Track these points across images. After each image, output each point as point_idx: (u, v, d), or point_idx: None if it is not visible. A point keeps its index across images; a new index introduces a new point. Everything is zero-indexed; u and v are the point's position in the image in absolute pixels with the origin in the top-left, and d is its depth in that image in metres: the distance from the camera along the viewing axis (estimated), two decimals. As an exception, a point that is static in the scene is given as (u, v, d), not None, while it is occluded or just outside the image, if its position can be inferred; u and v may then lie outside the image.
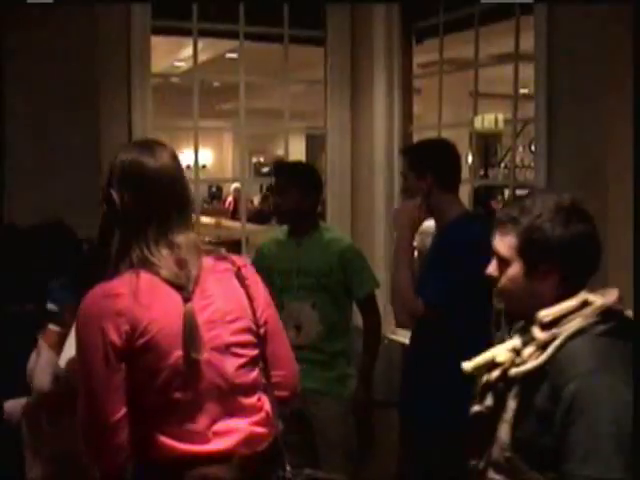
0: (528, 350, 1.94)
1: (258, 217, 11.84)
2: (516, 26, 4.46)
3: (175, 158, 2.19)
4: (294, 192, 3.79)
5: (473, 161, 5.91)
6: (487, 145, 8.72)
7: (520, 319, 2.10)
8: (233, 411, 2.13)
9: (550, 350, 1.89)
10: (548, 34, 4.00)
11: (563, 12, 3.94)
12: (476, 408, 2.10)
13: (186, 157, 18.95)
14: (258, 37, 5.68)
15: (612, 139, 3.70)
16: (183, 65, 10.88)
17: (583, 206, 2.08)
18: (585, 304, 1.95)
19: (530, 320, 2.00)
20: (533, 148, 4.46)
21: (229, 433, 2.11)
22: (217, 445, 2.07)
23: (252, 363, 2.20)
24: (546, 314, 1.95)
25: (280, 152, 5.75)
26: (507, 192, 6.66)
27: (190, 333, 2.03)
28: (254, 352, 2.21)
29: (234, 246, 6.56)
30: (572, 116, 3.92)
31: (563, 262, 2.00)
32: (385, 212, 5.37)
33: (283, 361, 2.37)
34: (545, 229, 1.98)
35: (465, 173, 5.45)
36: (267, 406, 2.24)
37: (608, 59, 3.71)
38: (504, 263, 2.05)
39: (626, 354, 1.87)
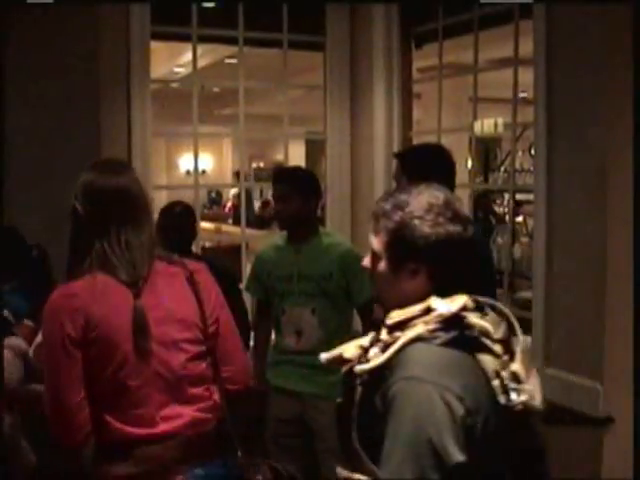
0: (374, 350, 1.95)
1: (258, 222, 11.84)
2: (515, 30, 4.47)
3: (133, 177, 2.50)
4: (295, 198, 3.78)
5: (473, 165, 5.91)
6: (487, 149, 8.71)
7: None
8: (180, 399, 2.40)
9: (388, 353, 1.90)
10: (547, 38, 4.00)
11: (562, 16, 3.94)
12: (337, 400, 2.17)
13: (186, 162, 18.97)
14: (257, 42, 5.68)
15: (612, 143, 3.70)
16: (182, 71, 10.88)
17: (459, 207, 2.01)
18: (429, 310, 1.91)
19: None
20: (533, 152, 4.46)
21: (175, 418, 2.38)
22: (163, 428, 2.35)
23: (198, 358, 2.46)
24: (391, 317, 1.96)
25: (280, 157, 5.76)
26: (507, 196, 6.65)
27: (139, 326, 2.32)
28: (201, 348, 2.46)
29: (234, 251, 6.56)
30: (571, 120, 3.92)
31: (430, 262, 1.96)
32: (385, 217, 5.37)
33: (233, 357, 2.59)
34: (413, 227, 1.95)
35: (465, 177, 5.47)
36: (216, 396, 2.50)
37: (607, 63, 3.71)
38: (376, 257, 2.04)
39: (459, 364, 1.86)
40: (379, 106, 5.38)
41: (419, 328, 1.89)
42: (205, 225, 10.82)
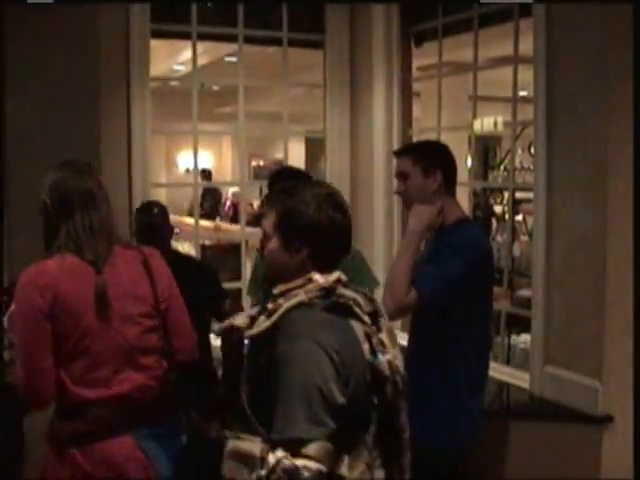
0: (262, 317, 2.21)
1: (257, 220, 11.82)
2: (515, 29, 4.47)
3: (95, 177, 2.84)
4: None
5: (472, 164, 5.91)
6: (487, 148, 8.72)
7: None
8: (133, 366, 2.71)
9: (273, 318, 2.16)
10: (547, 36, 4.01)
11: (562, 14, 3.94)
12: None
13: (185, 161, 18.95)
14: (257, 40, 5.68)
15: (611, 141, 3.70)
16: (182, 69, 10.86)
17: (341, 199, 2.35)
18: (309, 281, 2.21)
19: None
20: (532, 150, 4.45)
21: (126, 382, 2.69)
22: (114, 391, 2.66)
23: (151, 331, 2.79)
24: (277, 288, 2.25)
25: (279, 156, 5.75)
26: (506, 194, 6.65)
27: (100, 299, 2.64)
28: (153, 322, 2.79)
29: (233, 249, 6.56)
30: (571, 118, 3.92)
31: (312, 241, 2.25)
32: (384, 215, 5.37)
33: (182, 331, 2.93)
34: (299, 211, 2.25)
35: (465, 176, 5.47)
36: (164, 365, 2.83)
37: (607, 61, 3.71)
38: (267, 237, 2.31)
39: (336, 325, 2.16)
40: (379, 104, 5.38)
41: (301, 296, 2.18)
42: (204, 223, 10.81)
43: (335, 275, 2.25)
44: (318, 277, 2.22)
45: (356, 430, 2.18)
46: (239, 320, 2.29)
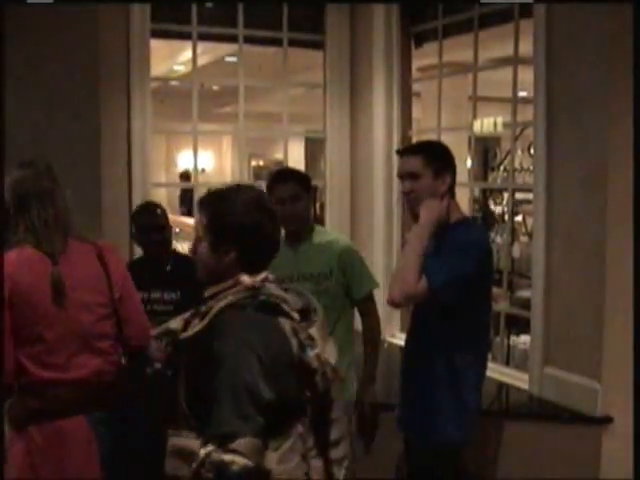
0: (195, 320, 2.29)
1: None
2: (515, 30, 4.47)
3: (52, 177, 3.05)
4: (304, 198, 3.76)
5: (472, 164, 5.90)
6: (486, 148, 8.71)
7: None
8: (88, 351, 2.92)
9: (205, 320, 2.23)
10: (547, 38, 4.01)
11: (562, 15, 3.94)
12: (157, 366, 2.62)
13: (186, 161, 18.95)
14: (257, 41, 5.68)
15: (611, 142, 3.70)
16: (182, 69, 10.86)
17: (268, 203, 2.46)
18: (237, 283, 2.29)
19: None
20: (532, 151, 4.45)
21: (83, 366, 2.89)
22: (72, 374, 2.86)
23: (105, 318, 3.00)
24: (208, 291, 2.34)
25: (279, 156, 5.75)
26: (506, 195, 6.66)
27: (56, 289, 2.84)
28: (107, 310, 3.01)
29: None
30: (571, 119, 3.93)
31: (239, 244, 2.32)
32: (384, 215, 5.38)
33: (134, 320, 3.12)
34: (227, 214, 2.33)
35: (465, 176, 5.47)
36: (119, 351, 3.04)
37: (607, 62, 3.71)
38: (199, 240, 2.39)
39: (263, 324, 2.24)
40: (379, 105, 5.39)
41: (229, 297, 2.26)
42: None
43: (262, 275, 2.33)
44: (245, 278, 2.30)
45: (289, 423, 2.27)
46: (174, 324, 2.37)
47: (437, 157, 3.24)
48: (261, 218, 2.35)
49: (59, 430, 2.87)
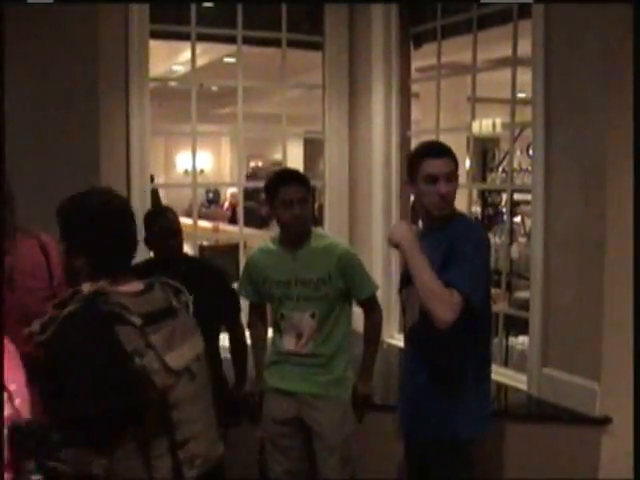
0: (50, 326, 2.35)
1: (260, 221, 11.83)
2: (514, 30, 4.47)
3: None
4: (309, 200, 3.75)
5: (471, 165, 5.91)
6: (485, 149, 8.71)
7: None
8: None
9: (51, 328, 2.29)
10: (546, 39, 4.01)
11: (561, 16, 3.95)
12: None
13: (184, 161, 18.95)
14: (256, 41, 5.67)
15: (610, 142, 3.71)
16: (181, 69, 10.88)
17: (123, 206, 2.51)
18: (77, 292, 2.36)
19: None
20: (531, 152, 4.46)
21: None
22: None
23: (45, 300, 3.10)
24: (55, 300, 2.41)
25: (278, 157, 5.74)
26: (505, 196, 6.66)
27: (8, 276, 3.15)
28: (47, 293, 3.38)
29: (232, 249, 6.56)
30: (569, 120, 3.93)
31: (86, 249, 2.41)
32: (383, 217, 5.38)
33: None
34: (73, 219, 2.45)
35: (463, 177, 5.47)
36: None
37: (606, 63, 3.72)
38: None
39: (93, 334, 2.28)
40: (377, 105, 5.39)
41: (70, 306, 2.31)
42: (203, 224, 10.81)
43: (98, 284, 2.35)
44: (84, 287, 2.37)
45: (122, 430, 2.31)
46: (33, 326, 2.40)
47: (454, 160, 3.28)
48: (110, 222, 2.42)
49: None
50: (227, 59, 9.46)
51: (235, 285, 4.11)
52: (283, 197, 3.63)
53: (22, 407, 2.26)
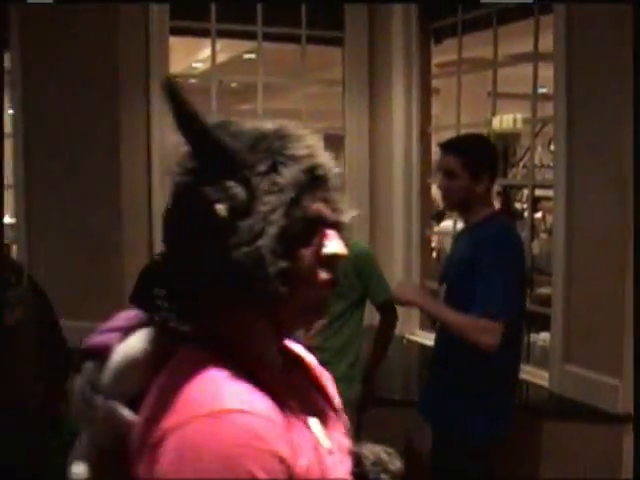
0: None
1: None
2: (535, 25, 4.45)
3: None
4: None
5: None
6: (506, 145, 8.67)
7: None
8: None
9: None
10: (567, 33, 3.98)
11: (583, 12, 3.92)
12: None
13: (204, 158, 19.03)
14: (276, 38, 5.68)
15: (631, 138, 3.67)
16: (201, 66, 10.88)
17: None
18: None
19: None
20: (552, 147, 4.43)
21: None
22: None
23: None
24: None
25: (298, 153, 5.71)
26: (526, 192, 6.63)
27: None
28: None
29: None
30: (591, 116, 3.90)
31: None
32: (403, 213, 5.36)
33: None
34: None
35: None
36: None
37: (627, 58, 3.68)
38: None
39: None
40: (398, 101, 5.37)
41: None
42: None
43: None
44: None
45: None
46: None
47: (477, 158, 3.23)
48: None
49: None
50: (247, 55, 9.46)
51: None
52: None
53: None
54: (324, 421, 1.37)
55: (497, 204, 7.34)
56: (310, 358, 1.55)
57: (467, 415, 3.19)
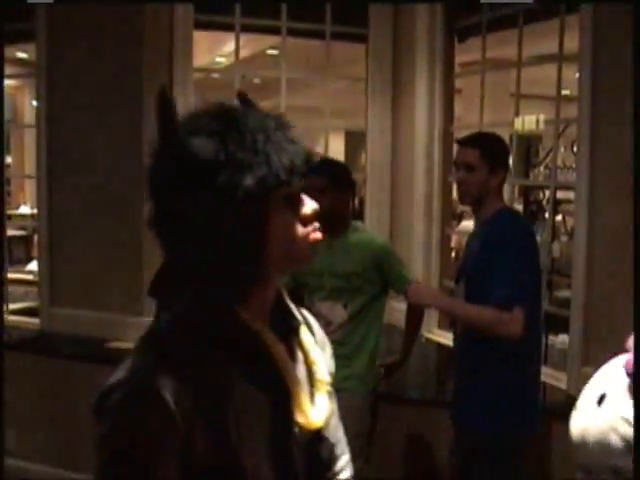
0: None
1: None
2: (560, 26, 4.42)
3: None
4: (331, 192, 3.70)
5: (514, 162, 5.86)
6: (528, 146, 8.65)
7: None
8: None
9: None
10: (593, 34, 3.96)
11: (609, 11, 3.89)
12: None
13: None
14: (300, 33, 5.68)
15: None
16: (224, 61, 10.90)
17: None
18: None
19: None
20: (575, 149, 4.41)
21: None
22: None
23: None
24: None
25: (319, 150, 5.74)
26: (547, 193, 6.61)
27: None
28: None
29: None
30: (615, 118, 3.87)
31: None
32: (424, 211, 5.35)
33: None
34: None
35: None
36: None
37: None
38: None
39: None
40: (421, 100, 5.36)
41: None
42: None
43: None
44: None
45: None
46: None
47: (494, 152, 3.29)
48: None
49: None
50: (270, 51, 9.47)
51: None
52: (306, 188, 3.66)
53: None
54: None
55: (519, 205, 7.33)
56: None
57: (493, 415, 3.20)
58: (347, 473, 1.66)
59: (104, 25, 4.88)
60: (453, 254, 7.50)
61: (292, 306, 1.55)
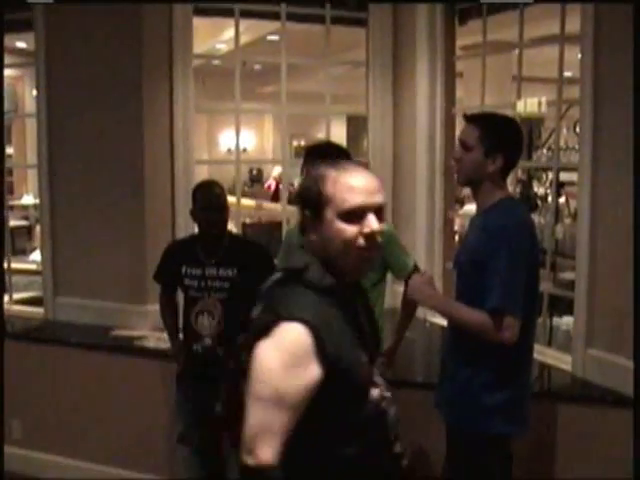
0: None
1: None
2: (562, 7, 4.40)
3: None
4: None
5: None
6: (530, 128, 8.62)
7: None
8: None
9: None
10: (595, 15, 3.94)
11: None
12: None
13: (227, 140, 18.96)
14: (300, 18, 5.65)
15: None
16: (224, 47, 10.87)
17: None
18: None
19: None
20: (578, 130, 4.39)
21: None
22: None
23: None
24: None
25: (321, 135, 5.73)
26: (550, 175, 6.58)
27: None
28: None
29: (274, 227, 6.58)
30: (618, 97, 3.86)
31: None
32: (427, 195, 5.34)
33: None
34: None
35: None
36: None
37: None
38: None
39: None
40: (422, 83, 5.34)
41: None
42: (246, 202, 10.84)
43: None
44: None
45: None
46: None
47: (493, 134, 3.14)
48: None
49: None
50: (270, 37, 9.44)
51: (276, 261, 4.12)
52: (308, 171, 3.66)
53: None
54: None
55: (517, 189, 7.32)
56: None
57: (478, 414, 3.16)
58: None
59: (103, 13, 4.86)
60: (457, 237, 7.49)
61: None
